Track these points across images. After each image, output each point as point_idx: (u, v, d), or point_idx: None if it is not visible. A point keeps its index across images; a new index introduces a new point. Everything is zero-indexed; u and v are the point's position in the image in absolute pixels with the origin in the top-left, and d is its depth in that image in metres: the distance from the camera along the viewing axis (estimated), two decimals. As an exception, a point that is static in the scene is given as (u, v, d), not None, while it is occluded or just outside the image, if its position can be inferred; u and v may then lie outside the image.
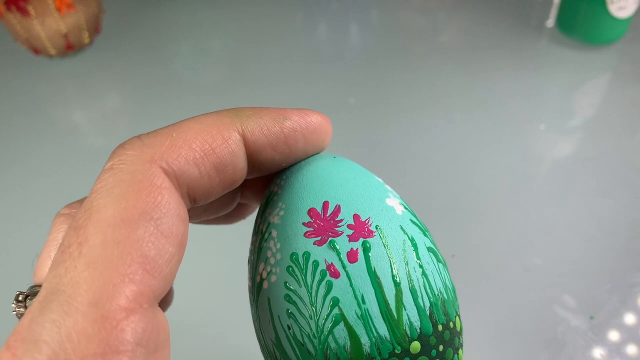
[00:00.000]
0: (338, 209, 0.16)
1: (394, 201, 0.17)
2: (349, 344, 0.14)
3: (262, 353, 0.17)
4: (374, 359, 0.14)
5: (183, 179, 0.14)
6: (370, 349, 0.14)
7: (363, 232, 0.15)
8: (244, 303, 0.19)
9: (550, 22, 0.56)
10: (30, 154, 0.45)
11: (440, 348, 0.15)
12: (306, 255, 0.15)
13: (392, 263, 0.15)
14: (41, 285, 0.14)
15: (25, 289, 0.15)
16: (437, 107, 0.48)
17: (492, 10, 0.58)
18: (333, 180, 0.17)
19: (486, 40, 0.55)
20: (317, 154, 0.18)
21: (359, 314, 0.14)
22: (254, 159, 0.16)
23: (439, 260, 0.16)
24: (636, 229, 0.37)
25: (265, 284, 0.16)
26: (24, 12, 0.48)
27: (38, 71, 0.53)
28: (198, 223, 0.20)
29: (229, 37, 0.58)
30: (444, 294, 0.16)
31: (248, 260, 0.18)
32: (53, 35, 0.50)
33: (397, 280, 0.15)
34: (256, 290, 0.16)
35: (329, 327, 0.14)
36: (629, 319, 0.32)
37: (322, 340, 0.15)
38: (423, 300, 0.15)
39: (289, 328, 0.15)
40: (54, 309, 0.11)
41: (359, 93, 0.49)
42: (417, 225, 0.17)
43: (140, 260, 0.12)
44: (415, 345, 0.15)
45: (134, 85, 0.53)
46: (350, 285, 0.15)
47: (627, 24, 0.50)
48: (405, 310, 0.15)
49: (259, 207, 0.18)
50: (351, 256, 0.15)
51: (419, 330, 0.15)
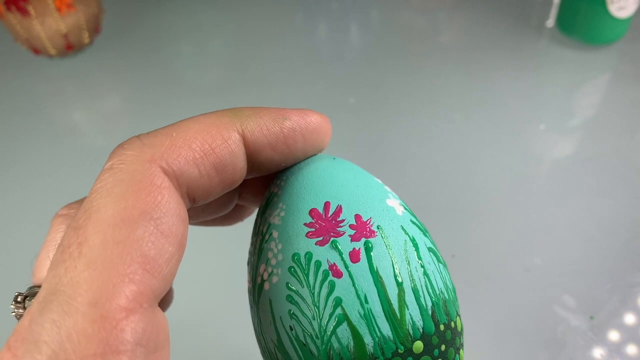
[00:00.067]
0: (339, 209, 0.16)
1: (394, 202, 0.17)
2: (352, 344, 0.14)
3: (262, 355, 0.17)
4: (377, 358, 0.14)
5: (183, 178, 0.14)
6: (374, 348, 0.14)
7: (365, 232, 0.15)
8: (244, 303, 0.19)
9: (550, 22, 0.56)
10: (30, 154, 0.45)
11: (443, 348, 0.15)
12: (308, 255, 0.15)
13: (394, 263, 0.15)
14: (40, 286, 0.14)
15: (24, 290, 0.15)
16: (437, 107, 0.48)
17: (492, 10, 0.58)
18: (334, 180, 0.17)
19: (486, 40, 0.55)
20: (317, 154, 0.18)
21: (362, 313, 0.14)
22: (253, 159, 0.16)
23: (439, 260, 0.17)
24: (636, 229, 0.37)
25: (267, 285, 0.16)
26: (24, 12, 0.48)
27: (38, 71, 0.53)
28: (196, 224, 0.20)
29: (229, 37, 0.58)
30: (445, 294, 0.16)
31: (248, 261, 0.18)
32: (53, 35, 0.49)
33: (400, 280, 0.15)
34: (257, 291, 0.16)
35: (331, 327, 0.14)
36: (629, 319, 0.32)
37: (325, 341, 0.14)
38: (425, 300, 0.15)
39: (291, 329, 0.15)
40: (54, 309, 0.11)
41: (359, 93, 0.49)
42: (417, 225, 0.17)
43: (140, 260, 0.12)
44: (418, 345, 0.15)
45: (134, 86, 0.53)
46: (353, 285, 0.15)
47: (627, 24, 0.50)
48: (407, 309, 0.15)
49: (259, 208, 0.18)
50: (353, 256, 0.15)
51: (421, 330, 0.15)
